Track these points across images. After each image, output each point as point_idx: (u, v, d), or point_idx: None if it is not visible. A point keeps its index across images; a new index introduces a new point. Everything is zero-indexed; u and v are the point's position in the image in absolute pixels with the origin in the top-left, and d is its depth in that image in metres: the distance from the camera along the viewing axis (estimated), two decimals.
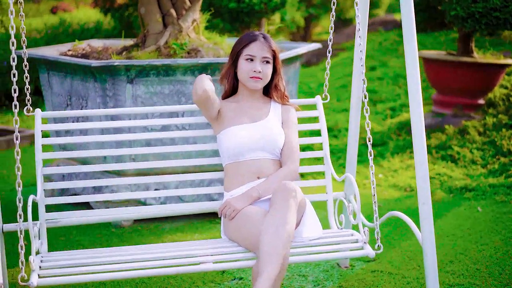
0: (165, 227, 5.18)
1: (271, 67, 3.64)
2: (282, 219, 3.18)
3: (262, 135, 3.59)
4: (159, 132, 3.86)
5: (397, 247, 4.65)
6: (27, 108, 3.69)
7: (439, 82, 7.58)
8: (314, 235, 3.49)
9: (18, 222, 3.07)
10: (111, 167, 3.81)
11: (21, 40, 3.59)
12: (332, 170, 3.87)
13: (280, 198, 3.24)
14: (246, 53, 3.60)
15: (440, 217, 5.24)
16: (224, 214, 3.49)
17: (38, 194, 3.51)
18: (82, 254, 3.40)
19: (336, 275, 4.24)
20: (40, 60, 5.49)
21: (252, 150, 3.58)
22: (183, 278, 4.21)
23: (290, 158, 3.64)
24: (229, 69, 3.70)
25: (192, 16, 5.65)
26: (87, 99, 5.11)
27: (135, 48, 5.60)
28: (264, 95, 3.78)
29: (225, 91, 3.80)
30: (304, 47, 5.88)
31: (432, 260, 3.42)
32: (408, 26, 3.40)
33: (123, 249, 3.51)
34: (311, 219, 3.52)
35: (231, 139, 3.58)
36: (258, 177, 3.58)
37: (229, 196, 3.59)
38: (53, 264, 3.24)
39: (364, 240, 3.48)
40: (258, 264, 3.16)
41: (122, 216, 3.89)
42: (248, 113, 3.67)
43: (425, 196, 3.43)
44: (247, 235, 3.34)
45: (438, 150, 6.76)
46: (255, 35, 3.64)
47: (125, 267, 3.23)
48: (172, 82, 4.97)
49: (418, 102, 3.39)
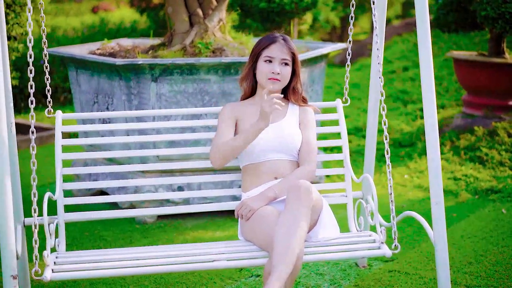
0: (188, 224, 5.24)
1: (290, 69, 3.65)
2: (295, 218, 3.19)
3: (279, 137, 3.61)
4: (183, 134, 3.92)
5: (416, 247, 4.64)
6: (48, 110, 3.77)
7: (469, 83, 7.52)
8: (330, 236, 3.49)
9: (33, 216, 3.14)
10: (135, 168, 3.89)
11: (41, 41, 3.68)
12: (352, 173, 3.87)
13: (293, 197, 3.25)
14: (265, 54, 3.61)
15: (463, 218, 5.22)
16: (240, 214, 3.52)
17: (57, 193, 3.59)
18: (96, 253, 3.45)
19: (353, 275, 4.25)
20: (68, 59, 5.60)
21: (269, 152, 3.60)
22: (202, 275, 4.26)
23: (307, 159, 3.65)
24: (249, 71, 3.72)
25: (218, 16, 5.71)
26: (113, 97, 5.19)
27: (162, 47, 5.67)
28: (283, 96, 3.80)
29: (244, 92, 3.82)
30: (328, 46, 5.89)
31: (444, 259, 3.42)
32: (422, 27, 3.40)
33: (140, 249, 3.56)
34: (328, 220, 3.51)
35: None
36: (275, 177, 3.60)
37: (246, 197, 3.62)
38: (68, 260, 3.30)
39: (381, 240, 3.47)
40: (270, 263, 3.19)
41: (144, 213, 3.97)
42: None
43: (437, 196, 3.43)
44: (262, 235, 3.35)
45: (467, 152, 6.71)
46: (275, 37, 3.66)
47: (142, 263, 3.28)
48: (196, 81, 5.03)
49: (431, 100, 3.41)
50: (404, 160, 6.78)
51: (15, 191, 3.67)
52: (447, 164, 6.48)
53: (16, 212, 3.67)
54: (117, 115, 3.95)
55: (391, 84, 9.36)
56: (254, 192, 3.60)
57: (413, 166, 6.58)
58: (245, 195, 3.65)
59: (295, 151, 3.65)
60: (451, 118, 7.63)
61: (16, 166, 3.66)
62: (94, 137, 5.38)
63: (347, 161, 3.92)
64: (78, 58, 5.39)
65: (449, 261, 4.26)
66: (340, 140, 3.98)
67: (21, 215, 3.72)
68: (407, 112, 8.28)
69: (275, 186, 3.53)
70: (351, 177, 3.90)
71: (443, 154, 6.71)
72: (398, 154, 6.97)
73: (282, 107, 3.66)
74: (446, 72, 9.20)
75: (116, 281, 4.18)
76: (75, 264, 3.26)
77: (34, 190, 3.16)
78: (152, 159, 5.05)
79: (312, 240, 3.47)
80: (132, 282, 4.17)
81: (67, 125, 3.84)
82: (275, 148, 3.61)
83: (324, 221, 3.49)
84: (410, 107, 8.39)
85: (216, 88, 5.06)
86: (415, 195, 5.88)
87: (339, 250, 3.44)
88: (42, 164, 6.40)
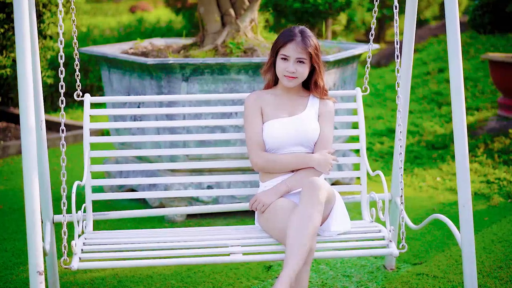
0: (217, 224, 5.25)
1: (306, 66, 3.66)
2: (308, 214, 3.26)
3: (298, 129, 3.66)
4: (213, 134, 3.97)
5: (446, 250, 4.59)
6: (76, 93, 3.80)
7: (505, 85, 7.43)
8: (342, 229, 3.55)
9: (62, 209, 3.22)
10: (165, 166, 3.93)
11: (72, 42, 3.72)
12: (367, 163, 3.88)
13: (307, 194, 3.32)
14: (282, 52, 3.65)
15: (495, 222, 5.15)
16: (254, 208, 3.60)
17: (85, 177, 3.68)
18: (123, 237, 3.55)
19: (381, 277, 4.22)
20: (101, 58, 5.66)
21: (289, 145, 3.66)
22: (228, 274, 4.27)
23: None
24: (270, 65, 3.77)
25: (250, 16, 5.71)
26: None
27: (194, 47, 5.70)
28: (305, 88, 3.83)
29: (268, 83, 3.87)
30: (360, 47, 5.86)
31: (471, 263, 3.38)
32: (452, 28, 3.36)
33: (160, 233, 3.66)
34: (340, 213, 3.57)
35: (268, 133, 3.66)
36: (291, 170, 3.65)
37: (263, 187, 3.69)
38: (95, 248, 3.38)
39: (390, 238, 3.48)
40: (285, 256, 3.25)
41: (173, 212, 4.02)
42: (286, 107, 3.74)
43: (465, 198, 3.38)
44: (277, 228, 3.43)
45: (501, 155, 6.63)
46: (292, 35, 3.66)
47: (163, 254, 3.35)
48: (227, 81, 5.04)
49: (460, 102, 3.36)
50: (437, 163, 6.71)
51: (44, 189, 3.72)
52: (481, 167, 6.41)
53: (45, 209, 3.73)
54: (147, 111, 3.99)
55: (426, 86, 9.28)
56: (271, 183, 3.67)
57: (445, 168, 6.52)
58: (262, 185, 3.73)
59: (312, 143, 3.71)
60: (485, 120, 7.54)
61: (45, 163, 3.71)
62: (125, 135, 5.44)
63: (363, 151, 3.92)
64: (110, 57, 5.44)
65: (478, 265, 4.25)
66: (357, 130, 3.97)
67: (51, 212, 3.77)
68: (441, 114, 8.20)
69: (289, 179, 3.61)
70: (366, 169, 3.89)
71: (477, 157, 6.63)
72: (431, 156, 6.90)
73: (302, 100, 3.76)
74: (482, 74, 9.10)
75: (143, 279, 4.21)
76: (101, 253, 3.35)
77: (63, 185, 3.24)
78: (182, 158, 5.07)
79: (324, 234, 3.53)
80: (159, 281, 4.19)
81: (98, 122, 3.89)
82: (294, 140, 3.67)
83: (336, 214, 3.56)
84: (444, 109, 8.30)
85: (246, 88, 5.07)
86: (446, 198, 5.82)
87: (347, 247, 3.48)
88: (76, 162, 6.48)
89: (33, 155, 3.05)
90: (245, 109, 3.76)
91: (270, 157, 3.64)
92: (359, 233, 3.60)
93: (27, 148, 3.04)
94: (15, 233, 5.05)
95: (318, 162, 3.61)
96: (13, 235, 5.01)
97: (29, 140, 3.04)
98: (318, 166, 3.60)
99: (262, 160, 3.64)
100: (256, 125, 3.70)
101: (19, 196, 5.93)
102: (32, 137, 3.05)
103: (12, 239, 4.91)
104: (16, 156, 7.36)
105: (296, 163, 3.63)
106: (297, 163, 3.63)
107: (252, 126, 3.71)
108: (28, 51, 3.04)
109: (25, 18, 3.04)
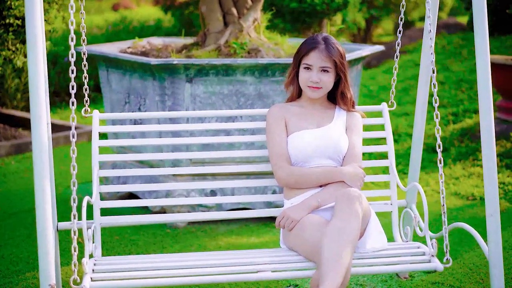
0: (220, 230, 5.10)
1: (331, 75, 3.48)
2: (346, 226, 3.07)
3: (326, 141, 3.47)
4: (217, 137, 3.81)
5: (460, 258, 4.48)
6: (85, 110, 3.64)
7: (504, 87, 7.34)
8: (379, 246, 3.36)
9: (72, 222, 3.01)
10: (167, 171, 3.78)
11: (81, 39, 3.55)
12: (398, 180, 3.72)
13: (345, 205, 3.13)
14: (304, 61, 3.47)
15: (503, 228, 5.03)
16: (282, 225, 3.39)
17: (94, 196, 3.45)
18: (136, 260, 3.34)
19: (395, 286, 4.10)
20: (99, 57, 5.49)
21: (316, 157, 3.47)
22: (238, 284, 4.12)
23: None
24: (294, 76, 3.59)
25: (253, 16, 5.57)
26: (146, 97, 5.07)
27: (195, 47, 5.54)
28: (330, 100, 3.66)
29: (291, 95, 3.69)
30: (367, 49, 5.73)
31: (500, 275, 3.27)
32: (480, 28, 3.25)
33: (179, 255, 3.44)
34: (376, 230, 3.38)
35: (295, 144, 3.47)
36: (320, 186, 3.46)
37: (289, 204, 3.47)
38: (106, 268, 3.18)
39: (432, 253, 3.33)
40: (319, 272, 3.05)
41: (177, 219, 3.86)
42: (312, 118, 3.55)
43: (493, 207, 3.28)
44: (306, 245, 3.23)
45: (503, 158, 6.53)
46: (315, 43, 3.48)
47: (181, 273, 3.16)
48: (232, 82, 4.89)
49: (488, 107, 3.25)
50: (437, 166, 6.59)
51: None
52: (482, 171, 6.30)
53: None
54: (151, 115, 3.84)
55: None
56: (297, 200, 3.46)
57: (447, 172, 6.41)
58: (288, 202, 3.50)
59: (341, 156, 3.52)
60: None
61: (52, 168, 3.54)
62: (124, 138, 5.27)
63: (392, 168, 3.77)
64: (110, 57, 5.27)
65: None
66: (386, 146, 3.83)
67: (55, 219, 3.59)
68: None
69: (318, 194, 3.40)
70: (397, 184, 3.75)
71: (479, 161, 6.53)
72: (432, 159, 6.80)
73: (328, 111, 3.55)
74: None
75: None
76: (113, 273, 3.15)
77: (74, 195, 3.04)
78: (185, 162, 4.91)
79: (359, 251, 3.34)
80: None
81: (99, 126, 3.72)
82: (322, 153, 3.47)
83: (372, 231, 3.36)
84: (441, 112, 8.20)
85: (252, 89, 4.92)
86: (453, 203, 5.71)
87: (388, 262, 3.31)
88: (69, 163, 6.29)
89: (45, 163, 2.91)
90: (268, 120, 3.56)
91: (297, 171, 3.43)
92: (397, 249, 3.43)
93: (39, 155, 2.94)
94: (11, 239, 4.87)
95: (350, 176, 3.39)
96: (10, 241, 4.83)
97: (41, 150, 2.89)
98: (350, 180, 3.39)
99: (288, 173, 3.42)
100: (280, 136, 3.49)
101: (13, 200, 5.74)
102: (43, 145, 2.90)
103: (9, 245, 4.73)
104: (6, 158, 7.10)
105: (324, 177, 3.41)
106: (325, 177, 3.41)
107: (276, 137, 3.49)
108: (40, 55, 2.91)
109: (37, 20, 2.89)
